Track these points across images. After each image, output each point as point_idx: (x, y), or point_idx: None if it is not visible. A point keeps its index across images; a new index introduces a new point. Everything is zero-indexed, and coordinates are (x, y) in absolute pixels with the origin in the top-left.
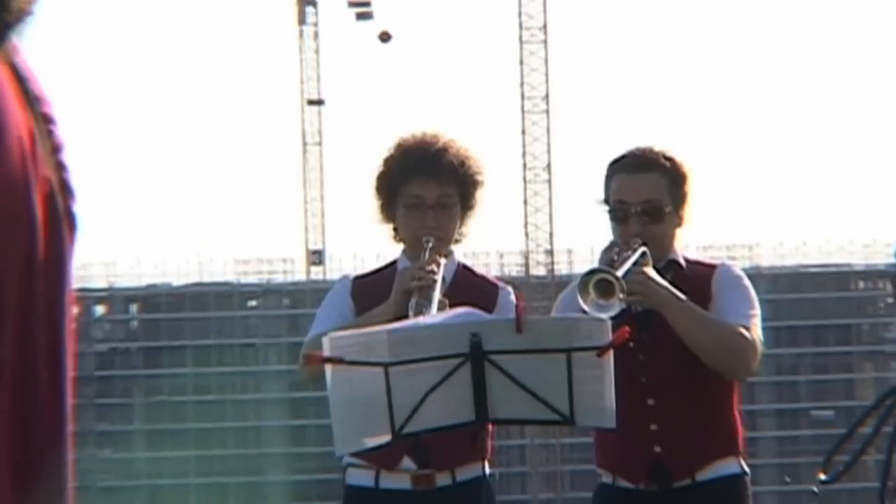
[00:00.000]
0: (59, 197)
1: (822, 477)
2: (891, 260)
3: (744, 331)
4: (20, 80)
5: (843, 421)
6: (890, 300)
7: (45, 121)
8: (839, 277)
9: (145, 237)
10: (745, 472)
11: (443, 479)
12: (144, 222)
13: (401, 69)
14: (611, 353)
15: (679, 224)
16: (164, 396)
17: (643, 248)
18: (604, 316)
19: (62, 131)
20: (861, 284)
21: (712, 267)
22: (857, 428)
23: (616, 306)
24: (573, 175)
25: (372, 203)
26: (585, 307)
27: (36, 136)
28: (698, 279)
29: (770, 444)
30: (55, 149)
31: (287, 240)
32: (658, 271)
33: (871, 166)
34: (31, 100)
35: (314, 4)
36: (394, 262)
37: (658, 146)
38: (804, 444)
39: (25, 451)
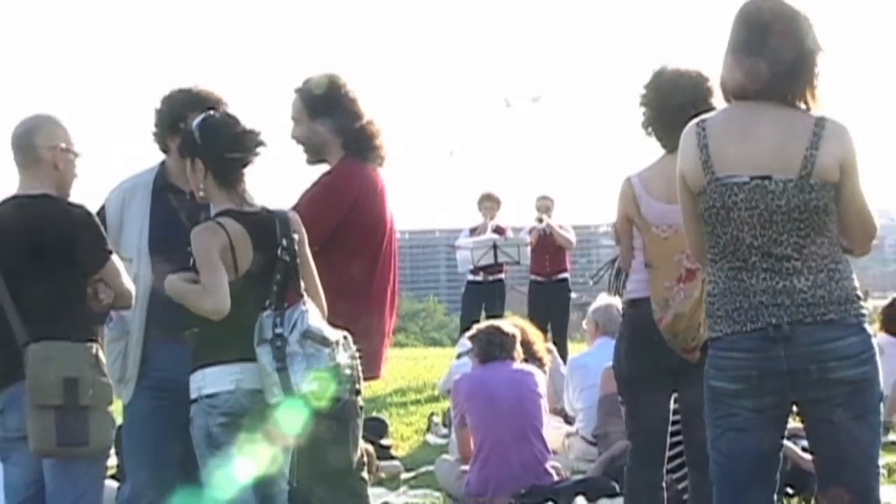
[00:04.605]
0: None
1: (591, 282)
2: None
3: (572, 239)
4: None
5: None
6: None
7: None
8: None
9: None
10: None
11: (490, 279)
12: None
13: None
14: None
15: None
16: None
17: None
18: (529, 233)
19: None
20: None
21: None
22: (605, 269)
23: (543, 225)
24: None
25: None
26: (535, 224)
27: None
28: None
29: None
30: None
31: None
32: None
33: None
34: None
35: None
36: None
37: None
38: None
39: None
